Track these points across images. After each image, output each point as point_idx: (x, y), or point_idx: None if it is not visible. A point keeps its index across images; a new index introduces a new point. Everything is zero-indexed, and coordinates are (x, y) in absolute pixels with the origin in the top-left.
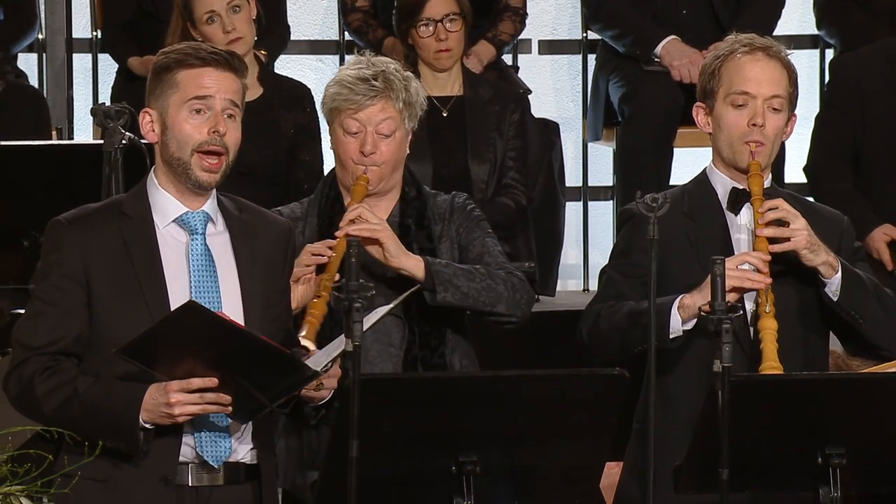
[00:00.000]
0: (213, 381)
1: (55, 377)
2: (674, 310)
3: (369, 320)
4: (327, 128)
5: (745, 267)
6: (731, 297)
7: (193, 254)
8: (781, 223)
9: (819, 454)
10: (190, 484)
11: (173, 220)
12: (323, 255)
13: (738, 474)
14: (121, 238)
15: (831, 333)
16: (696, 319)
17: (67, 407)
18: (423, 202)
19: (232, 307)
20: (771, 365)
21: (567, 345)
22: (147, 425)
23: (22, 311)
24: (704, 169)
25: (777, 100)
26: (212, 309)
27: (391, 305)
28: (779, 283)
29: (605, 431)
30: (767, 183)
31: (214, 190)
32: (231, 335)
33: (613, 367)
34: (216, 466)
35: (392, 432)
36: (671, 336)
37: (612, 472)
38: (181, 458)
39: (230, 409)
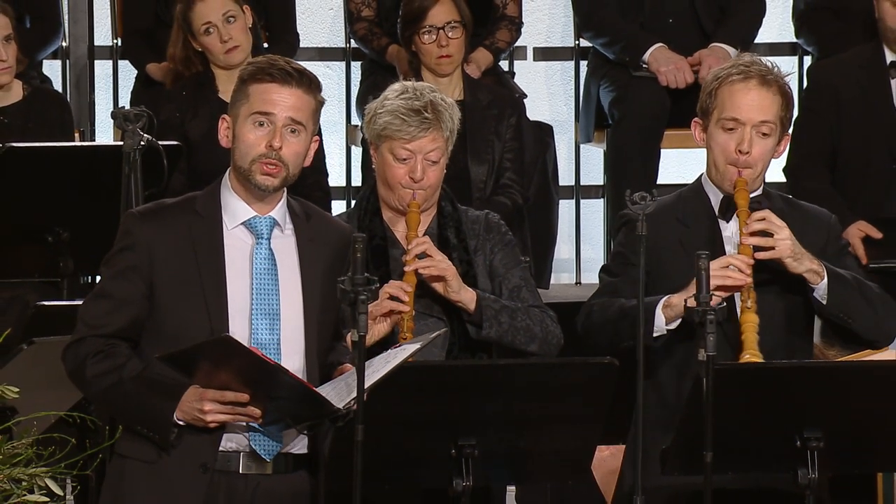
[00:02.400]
0: (244, 397)
1: (106, 361)
2: (658, 309)
3: (406, 350)
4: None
5: (730, 269)
6: (715, 299)
7: (257, 258)
8: (766, 234)
9: (798, 437)
10: (240, 471)
11: (241, 223)
12: (401, 298)
13: (721, 457)
14: (189, 235)
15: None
16: (680, 320)
17: (112, 392)
18: (459, 216)
19: (292, 312)
20: (751, 353)
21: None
22: (180, 422)
23: (46, 304)
24: (699, 177)
25: (766, 125)
26: (271, 309)
27: (413, 351)
28: (765, 291)
29: (597, 417)
30: (760, 189)
31: (285, 196)
32: (262, 371)
33: (604, 356)
34: (267, 460)
35: (396, 418)
36: (654, 335)
37: (603, 455)
38: (233, 447)
39: (260, 420)
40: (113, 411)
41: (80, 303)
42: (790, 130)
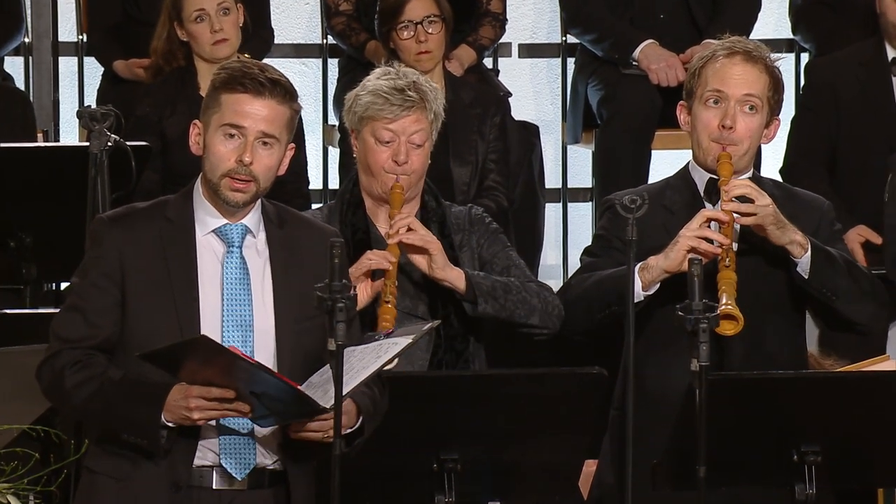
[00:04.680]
0: (230, 394)
1: (85, 371)
2: (636, 272)
3: (398, 345)
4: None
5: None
6: (685, 264)
7: (228, 267)
8: (747, 201)
9: (795, 452)
10: (213, 487)
11: (212, 231)
12: (385, 263)
13: (715, 471)
14: (160, 241)
15: (806, 333)
16: (658, 285)
17: (94, 401)
18: (443, 212)
19: (266, 322)
20: (728, 304)
21: (548, 342)
22: (169, 424)
23: (7, 312)
24: (687, 163)
25: (751, 100)
26: (243, 320)
27: (413, 338)
28: (750, 267)
29: (584, 429)
30: (749, 174)
31: (259, 201)
32: (242, 369)
33: (592, 366)
34: (239, 479)
35: (376, 430)
36: (633, 301)
37: (591, 470)
38: (205, 462)
39: (250, 414)
40: (96, 422)
41: (43, 311)
42: (780, 117)
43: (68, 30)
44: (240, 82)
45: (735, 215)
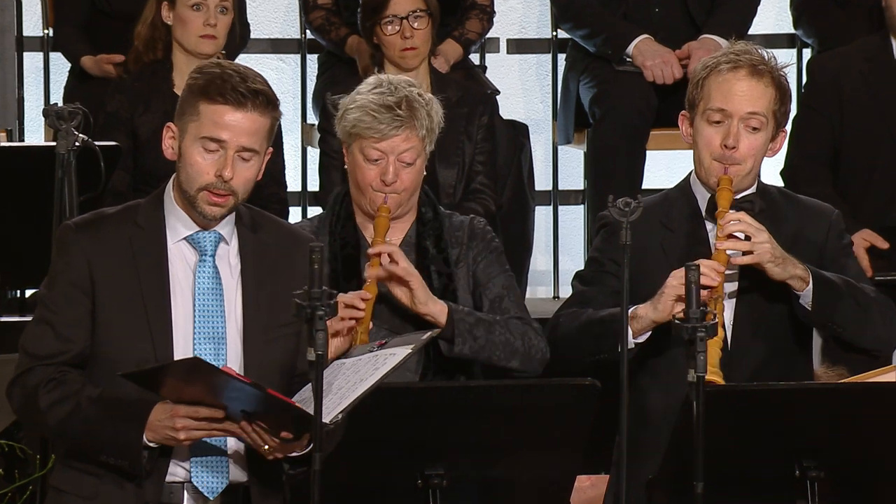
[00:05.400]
0: (219, 414)
1: (59, 389)
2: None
3: (396, 356)
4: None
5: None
6: (678, 309)
7: (200, 276)
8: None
9: (797, 467)
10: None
11: (184, 238)
12: (357, 308)
13: (713, 488)
14: (130, 249)
15: (815, 341)
16: (648, 333)
17: (70, 421)
18: (440, 223)
19: (237, 334)
20: (710, 370)
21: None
22: (151, 444)
23: None
24: (688, 175)
25: (755, 119)
26: (216, 332)
27: (404, 356)
28: (753, 298)
29: (576, 443)
30: (754, 188)
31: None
32: (235, 389)
33: (585, 377)
34: (210, 498)
35: (356, 444)
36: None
37: (583, 486)
38: (176, 479)
39: (238, 434)
40: (74, 442)
41: (8, 319)
42: (787, 128)
43: (33, 24)
44: (220, 92)
45: (731, 253)
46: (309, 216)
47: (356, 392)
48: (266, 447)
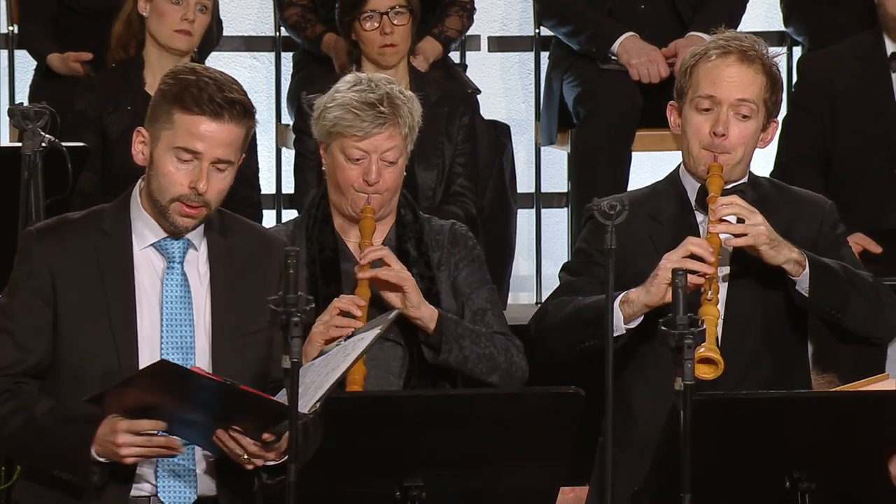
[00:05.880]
0: (160, 425)
1: (13, 401)
2: (616, 306)
3: (364, 340)
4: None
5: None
6: (671, 293)
7: (168, 284)
8: (739, 220)
9: (787, 478)
10: None
11: (151, 244)
12: (353, 314)
13: (701, 499)
14: (95, 256)
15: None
16: (641, 318)
17: (22, 434)
18: (421, 226)
19: (205, 343)
20: (707, 347)
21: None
22: (101, 459)
23: None
24: (677, 167)
25: (745, 105)
26: (184, 341)
27: (372, 338)
28: (745, 286)
29: (560, 453)
30: (745, 178)
31: None
32: (208, 390)
33: (569, 385)
34: None
35: (332, 454)
36: (614, 335)
37: (566, 498)
38: (142, 493)
39: (181, 452)
40: (25, 456)
41: None
42: (779, 119)
43: None
44: (196, 102)
45: (724, 237)
46: (284, 220)
47: (330, 380)
48: (245, 455)
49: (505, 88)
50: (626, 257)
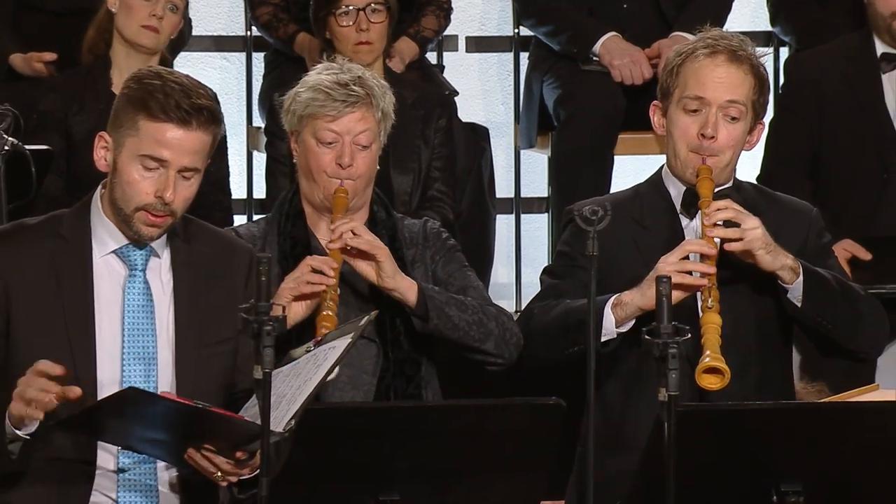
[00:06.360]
0: (61, 370)
1: None
2: (608, 309)
3: (336, 349)
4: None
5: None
6: (674, 297)
7: (130, 292)
8: (732, 225)
9: (774, 491)
10: None
11: (112, 251)
12: (325, 272)
13: None
14: (52, 263)
15: (793, 357)
16: (633, 322)
17: None
18: (394, 224)
19: (168, 353)
20: (712, 356)
21: (500, 372)
22: (19, 433)
23: None
24: (659, 169)
25: (735, 107)
26: (146, 352)
27: (345, 347)
28: (732, 293)
29: (540, 466)
30: (731, 183)
31: None
32: (178, 413)
33: (549, 396)
34: None
35: (305, 468)
36: (603, 338)
37: None
38: None
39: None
40: None
41: None
42: (765, 120)
43: None
44: (163, 109)
45: (719, 241)
46: None
47: (303, 394)
48: (218, 473)
49: (483, 90)
50: (610, 263)
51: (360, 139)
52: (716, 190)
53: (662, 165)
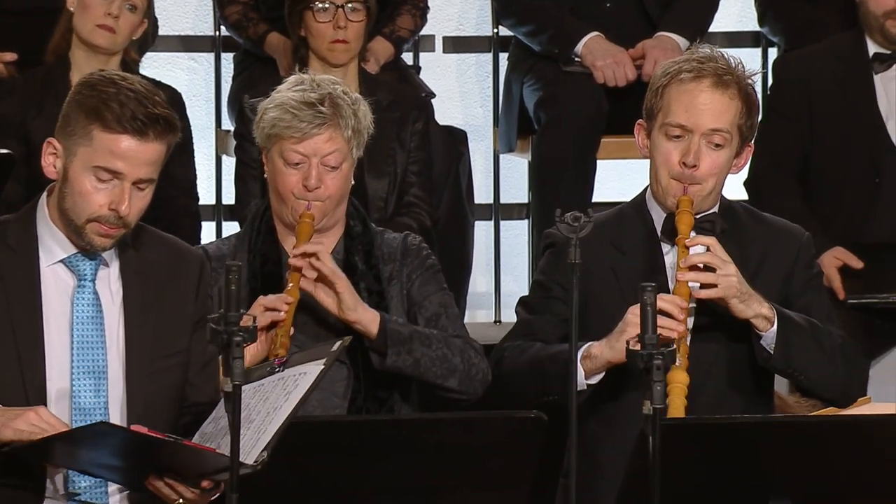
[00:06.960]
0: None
1: None
2: (577, 361)
3: (308, 374)
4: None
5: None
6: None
7: (79, 303)
8: (710, 268)
9: None
10: None
11: (60, 261)
12: (279, 311)
13: None
14: None
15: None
16: (603, 374)
17: None
18: (371, 238)
19: (119, 367)
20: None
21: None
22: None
23: None
24: (644, 191)
25: (719, 135)
26: (96, 366)
27: (318, 374)
28: (706, 338)
29: (521, 480)
30: (716, 207)
31: None
32: (146, 446)
33: (530, 409)
34: None
35: (277, 484)
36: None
37: None
38: None
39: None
40: None
41: None
42: (752, 141)
43: None
44: (117, 120)
45: (693, 286)
46: (224, 230)
47: (274, 424)
48: (179, 501)
49: (461, 92)
50: (586, 288)
51: (329, 160)
52: (699, 216)
53: (647, 187)
